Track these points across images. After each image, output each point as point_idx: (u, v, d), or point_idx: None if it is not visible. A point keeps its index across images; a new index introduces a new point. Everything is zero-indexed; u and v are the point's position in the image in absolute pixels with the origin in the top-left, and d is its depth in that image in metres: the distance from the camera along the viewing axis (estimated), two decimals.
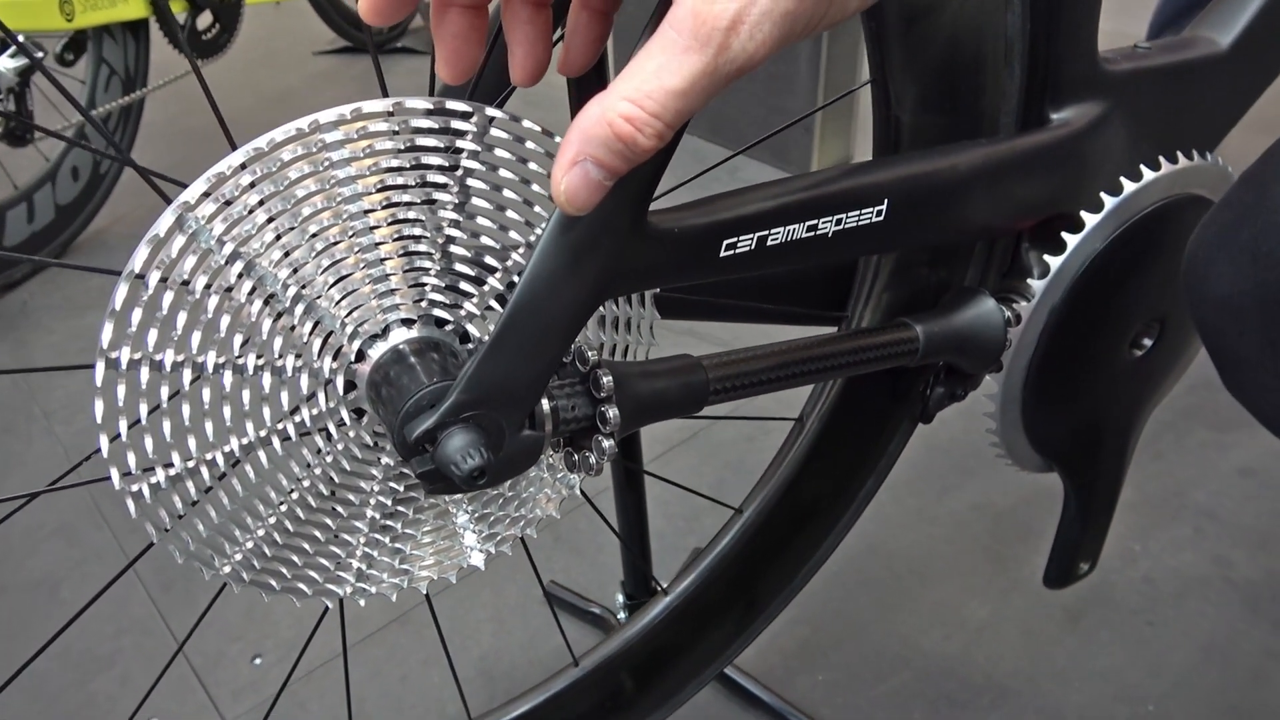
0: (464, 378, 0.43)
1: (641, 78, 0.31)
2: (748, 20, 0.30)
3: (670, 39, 0.30)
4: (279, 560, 0.49)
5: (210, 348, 0.42)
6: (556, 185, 0.34)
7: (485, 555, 0.55)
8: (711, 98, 0.32)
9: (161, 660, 1.03)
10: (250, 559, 0.48)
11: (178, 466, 0.44)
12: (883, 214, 0.54)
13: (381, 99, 0.41)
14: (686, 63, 0.30)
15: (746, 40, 0.30)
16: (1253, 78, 0.76)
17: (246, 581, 0.49)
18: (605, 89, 0.32)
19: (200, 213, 0.40)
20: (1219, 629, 1.00)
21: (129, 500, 0.43)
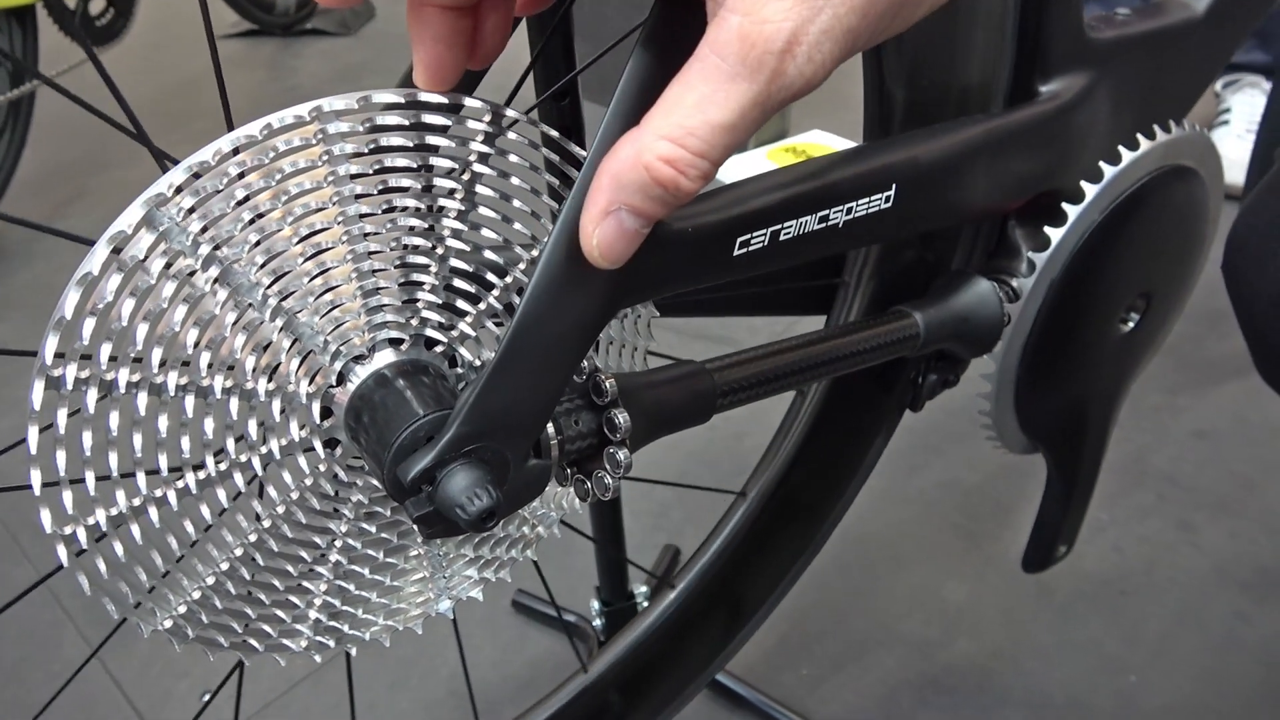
0: (465, 407, 0.38)
1: (682, 112, 0.27)
2: (805, 40, 0.26)
3: (713, 66, 0.26)
4: (230, 612, 0.43)
5: (173, 367, 0.36)
6: (588, 237, 0.29)
7: (454, 602, 0.50)
8: (759, 128, 0.27)
9: (103, 704, 0.95)
10: (196, 611, 0.42)
11: (122, 506, 0.37)
12: (891, 199, 0.51)
13: (393, 89, 0.36)
14: (734, 93, 0.26)
15: (804, 63, 0.26)
16: (1224, 42, 0.74)
17: (190, 637, 0.43)
18: (635, 128, 0.28)
19: (175, 207, 0.34)
20: (1189, 594, 1.01)
21: (60, 548, 0.37)
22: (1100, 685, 0.93)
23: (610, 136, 0.34)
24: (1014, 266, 0.64)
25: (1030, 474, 1.17)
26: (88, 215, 1.89)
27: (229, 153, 0.33)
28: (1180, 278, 0.74)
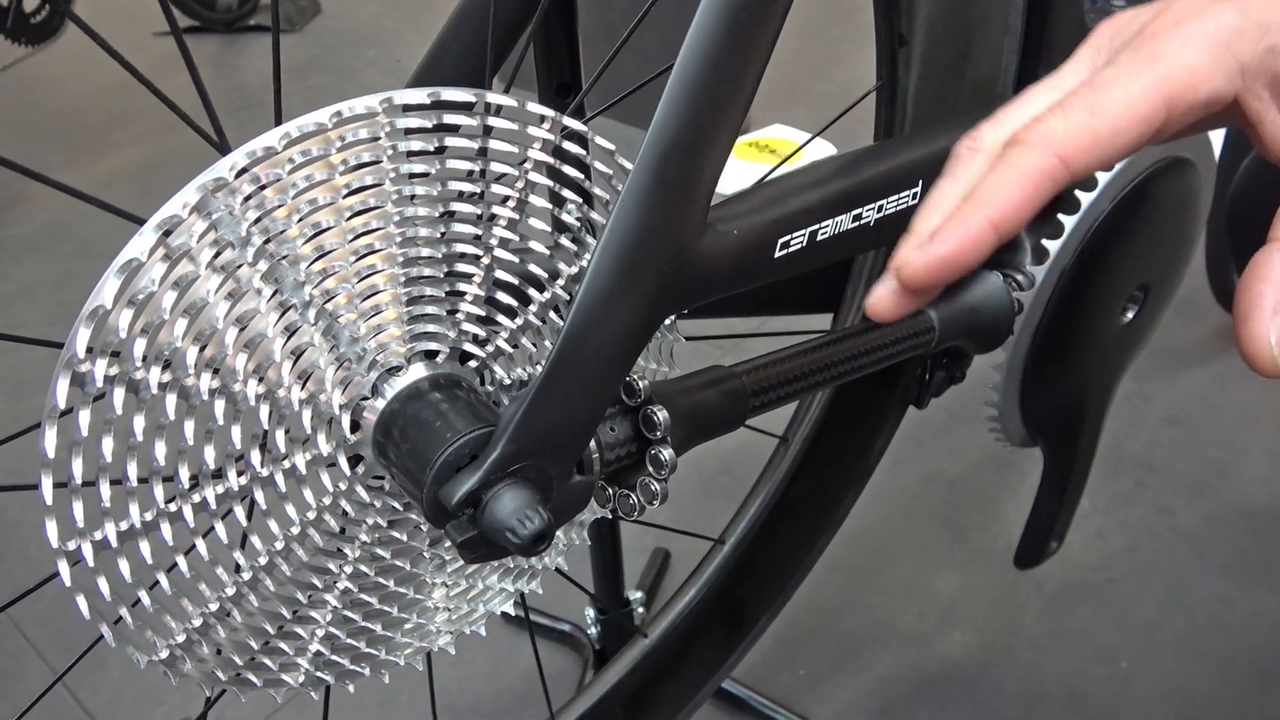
0: (512, 423, 0.36)
1: None
2: None
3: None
4: (229, 643, 0.40)
5: (208, 368, 0.33)
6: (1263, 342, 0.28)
7: (454, 636, 0.48)
8: None
9: None
10: (196, 641, 0.39)
11: (135, 520, 0.34)
12: (918, 196, 0.50)
13: (463, 88, 0.34)
14: None
15: None
16: None
17: (186, 669, 0.40)
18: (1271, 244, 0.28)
19: (230, 195, 0.31)
20: (1173, 579, 1.02)
21: (62, 565, 0.34)
22: (1093, 673, 0.94)
23: None
24: (1018, 260, 0.63)
25: (1012, 466, 1.18)
26: (29, 220, 1.81)
27: (296, 138, 0.31)
28: (1175, 270, 0.74)
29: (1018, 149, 0.29)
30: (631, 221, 0.35)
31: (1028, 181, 0.29)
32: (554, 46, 0.56)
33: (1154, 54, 0.29)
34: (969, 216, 0.29)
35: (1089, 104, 0.29)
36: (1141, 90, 0.28)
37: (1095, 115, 0.29)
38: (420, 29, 2.63)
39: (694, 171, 0.36)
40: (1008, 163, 0.29)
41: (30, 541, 1.13)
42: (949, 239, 0.30)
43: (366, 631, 0.44)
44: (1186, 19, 0.29)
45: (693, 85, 0.35)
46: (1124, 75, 0.29)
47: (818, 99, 2.04)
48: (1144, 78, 0.28)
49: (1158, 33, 0.29)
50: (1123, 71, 0.29)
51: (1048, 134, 0.29)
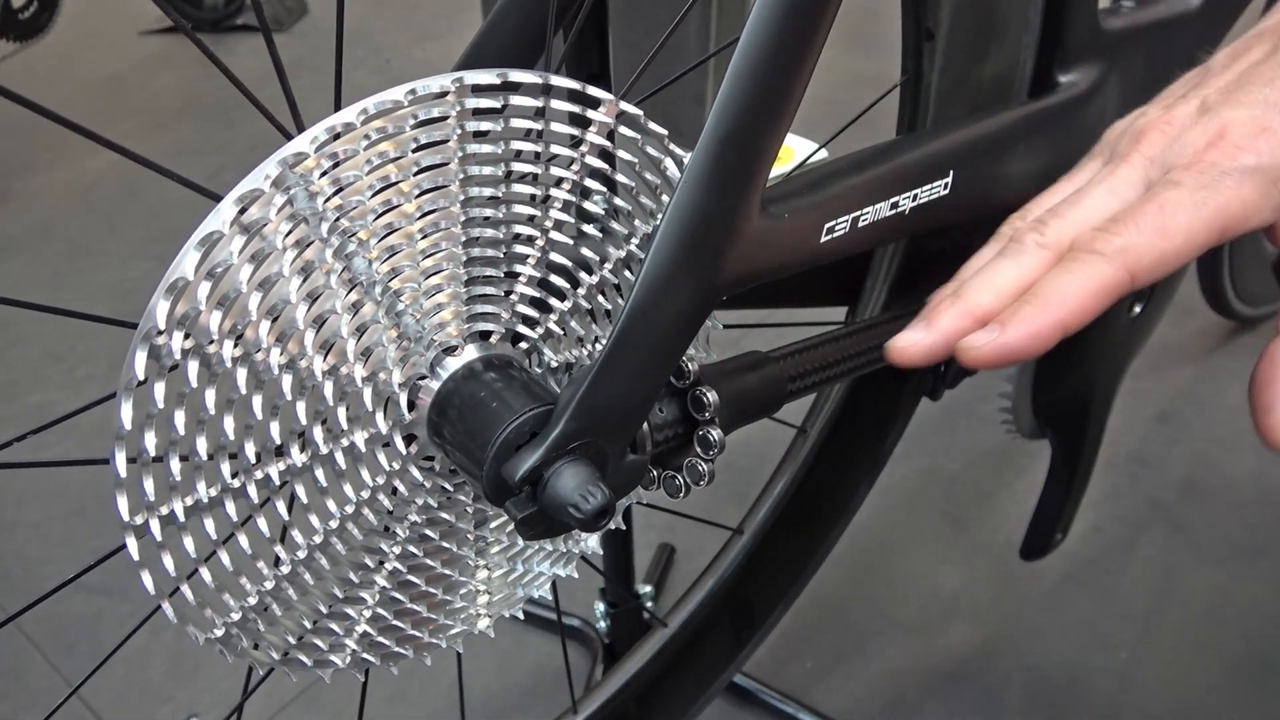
0: (573, 402, 0.36)
1: None
2: None
3: None
4: (283, 622, 0.40)
5: (279, 343, 0.33)
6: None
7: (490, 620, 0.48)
8: None
9: None
10: (251, 619, 0.39)
11: (201, 495, 0.35)
12: (949, 186, 0.51)
13: (528, 71, 0.34)
14: None
15: None
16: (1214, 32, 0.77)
17: (241, 649, 0.40)
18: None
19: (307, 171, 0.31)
20: (1170, 571, 1.04)
21: (130, 539, 0.34)
22: (1095, 663, 0.95)
23: None
24: None
25: (1008, 460, 1.19)
26: (14, 219, 1.79)
27: (373, 114, 0.31)
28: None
29: (1094, 260, 0.31)
30: (692, 204, 0.36)
31: (1101, 292, 0.31)
32: (584, 37, 0.57)
33: (1215, 185, 0.31)
34: (1043, 316, 0.31)
35: (1159, 226, 0.31)
36: (1205, 221, 0.31)
37: (1164, 238, 0.31)
38: (408, 30, 2.62)
39: (752, 156, 0.37)
40: (1083, 271, 0.31)
41: (27, 541, 1.12)
42: (1022, 334, 0.31)
43: (412, 613, 0.44)
44: (1243, 153, 0.31)
45: (752, 73, 0.36)
46: (1190, 202, 0.31)
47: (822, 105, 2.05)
48: (1207, 208, 0.31)
49: (1218, 162, 0.31)
50: (1189, 197, 0.31)
51: (1123, 250, 0.31)
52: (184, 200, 1.38)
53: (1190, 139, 0.33)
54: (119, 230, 1.72)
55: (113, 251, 1.65)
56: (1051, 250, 0.33)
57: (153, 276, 0.30)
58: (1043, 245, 0.34)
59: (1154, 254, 0.31)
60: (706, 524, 0.73)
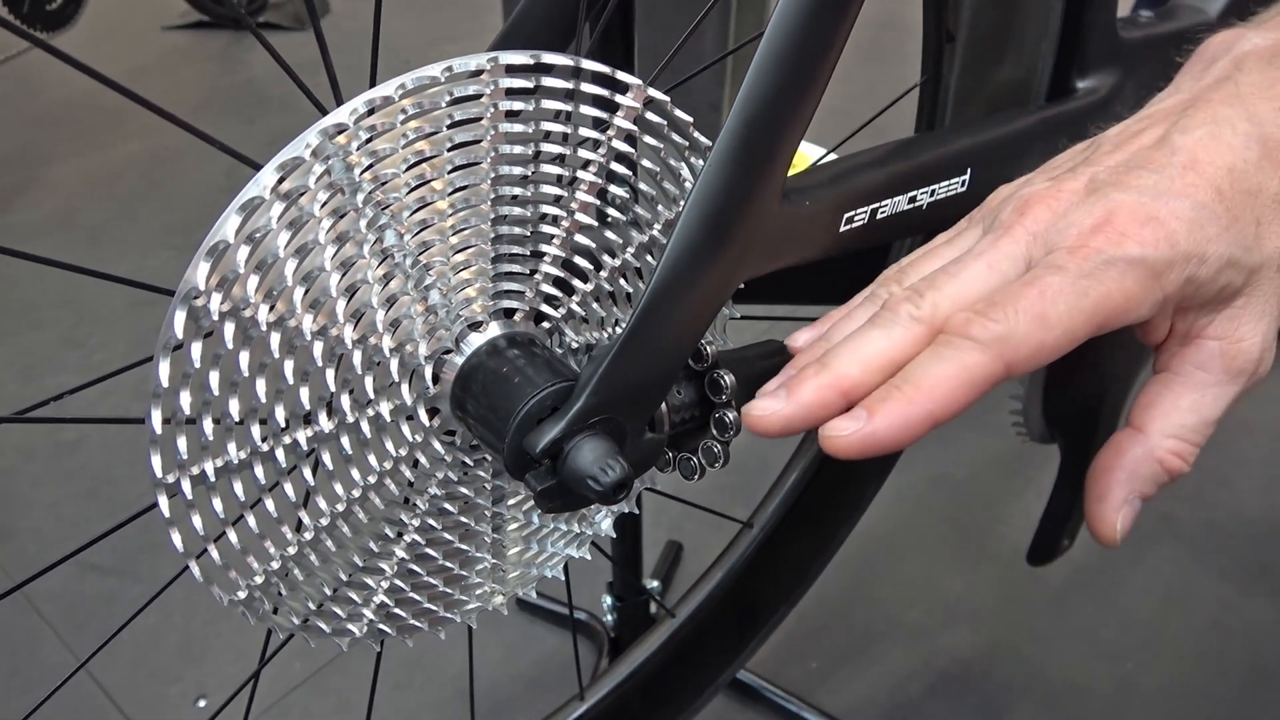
0: (595, 377, 0.37)
1: (1179, 415, 0.33)
2: (1273, 347, 0.33)
3: (1200, 379, 0.33)
4: (305, 588, 0.41)
5: (312, 311, 0.34)
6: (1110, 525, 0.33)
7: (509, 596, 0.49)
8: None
9: (87, 711, 0.91)
10: (273, 583, 0.40)
11: (232, 457, 0.36)
12: (965, 184, 0.52)
13: (560, 54, 0.35)
14: (1222, 395, 0.33)
15: (1268, 360, 0.33)
16: None
17: (263, 612, 0.41)
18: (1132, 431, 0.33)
19: (345, 142, 0.32)
20: (1174, 582, 1.04)
21: (161, 497, 0.35)
22: (1097, 670, 0.95)
23: None
24: None
25: (1016, 468, 1.20)
26: (37, 206, 1.81)
27: (411, 89, 0.32)
28: None
29: (969, 348, 0.29)
30: (717, 185, 0.37)
31: (974, 383, 0.29)
32: (610, 34, 0.58)
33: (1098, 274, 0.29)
34: (911, 407, 0.29)
35: (1039, 314, 0.29)
36: (1086, 312, 0.29)
37: (1043, 328, 0.29)
38: (428, 31, 2.65)
39: (776, 140, 0.38)
40: (958, 359, 0.29)
41: (43, 520, 1.13)
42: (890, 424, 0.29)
43: (429, 586, 0.45)
44: (1128, 241, 0.30)
45: (779, 58, 0.37)
46: (1073, 291, 0.29)
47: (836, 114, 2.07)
48: (1088, 299, 0.29)
49: (1102, 249, 0.30)
50: (1071, 286, 0.29)
51: (1001, 338, 0.29)
52: (203, 193, 1.41)
53: (1076, 218, 0.31)
54: (139, 220, 1.74)
55: (133, 241, 1.67)
56: (925, 325, 0.31)
57: (171, 266, 0.32)
58: (916, 319, 0.32)
59: (1031, 344, 0.29)
60: (717, 516, 0.74)
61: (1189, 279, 0.30)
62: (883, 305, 0.33)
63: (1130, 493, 0.33)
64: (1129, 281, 0.30)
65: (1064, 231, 0.31)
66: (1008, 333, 0.29)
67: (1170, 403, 0.33)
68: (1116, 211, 0.31)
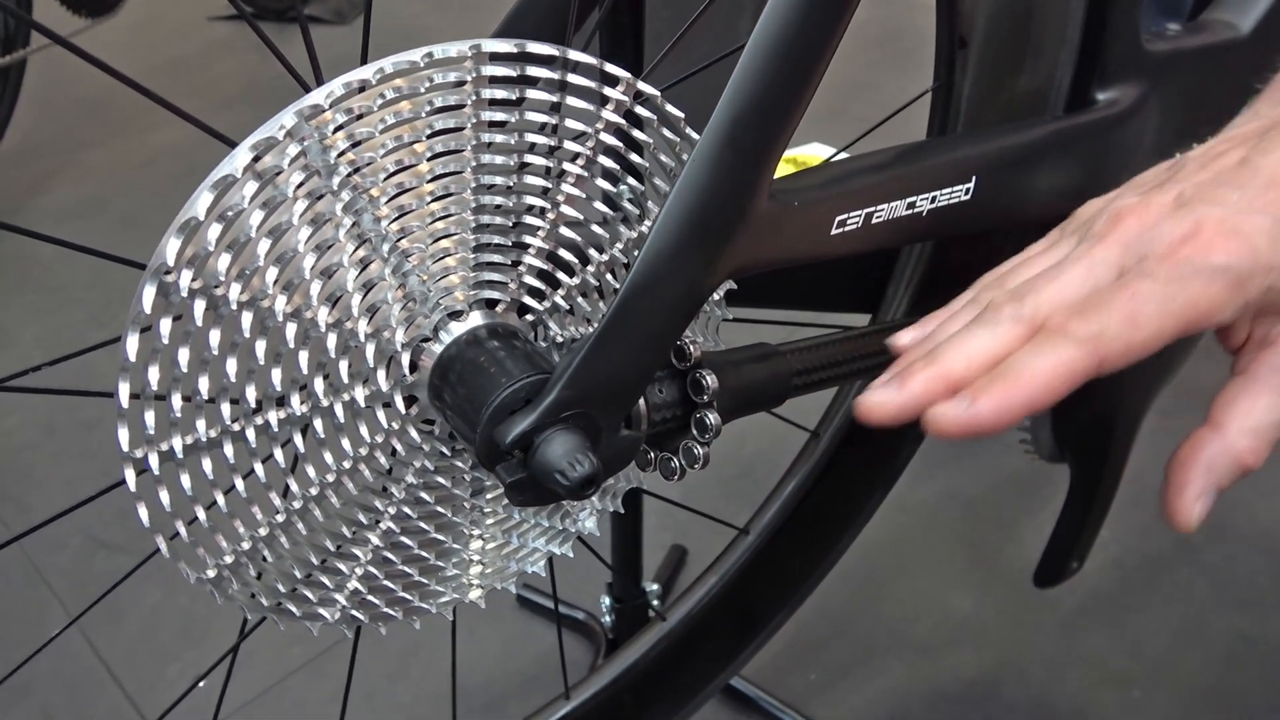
0: (569, 370, 0.37)
1: (1256, 415, 0.34)
2: None
3: (1276, 382, 0.35)
4: (275, 569, 0.41)
5: (285, 291, 0.34)
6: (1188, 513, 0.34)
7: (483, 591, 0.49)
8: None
9: (87, 686, 0.92)
10: (243, 564, 0.40)
11: (201, 435, 0.36)
12: (970, 192, 0.51)
13: (546, 44, 0.35)
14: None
15: None
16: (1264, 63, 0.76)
17: (231, 591, 0.41)
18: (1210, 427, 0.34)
19: (322, 124, 0.32)
20: (1190, 612, 1.02)
21: (128, 471, 0.35)
22: (1105, 698, 0.93)
23: None
24: None
25: (1032, 488, 1.18)
26: (74, 189, 1.84)
27: (390, 74, 0.32)
28: None
29: (1066, 343, 0.32)
30: (701, 181, 0.36)
31: (1070, 375, 0.32)
32: (619, 32, 0.58)
33: (1186, 280, 0.32)
34: (1013, 393, 0.32)
35: (1130, 315, 0.32)
36: (1174, 315, 0.32)
37: (1135, 328, 0.32)
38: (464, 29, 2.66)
39: (763, 138, 0.37)
40: (1055, 353, 0.32)
41: (55, 496, 1.15)
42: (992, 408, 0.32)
43: (404, 575, 0.45)
44: (1214, 252, 0.33)
45: (769, 54, 0.36)
46: (1162, 295, 0.32)
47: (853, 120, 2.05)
48: (1176, 302, 0.32)
49: (1190, 258, 0.33)
50: (1161, 290, 0.32)
51: (1095, 336, 0.32)
52: None
53: (1165, 230, 0.34)
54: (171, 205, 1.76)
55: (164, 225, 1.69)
56: (1026, 324, 0.35)
57: None
58: (1018, 319, 0.35)
59: (1123, 342, 0.32)
60: (714, 521, 0.73)
61: (1269, 288, 0.33)
62: (985, 307, 0.37)
63: (1208, 485, 0.34)
64: (1214, 288, 0.32)
65: (1154, 241, 0.34)
66: (1101, 331, 0.32)
67: (1248, 403, 0.35)
68: (1204, 224, 0.33)
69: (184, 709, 0.91)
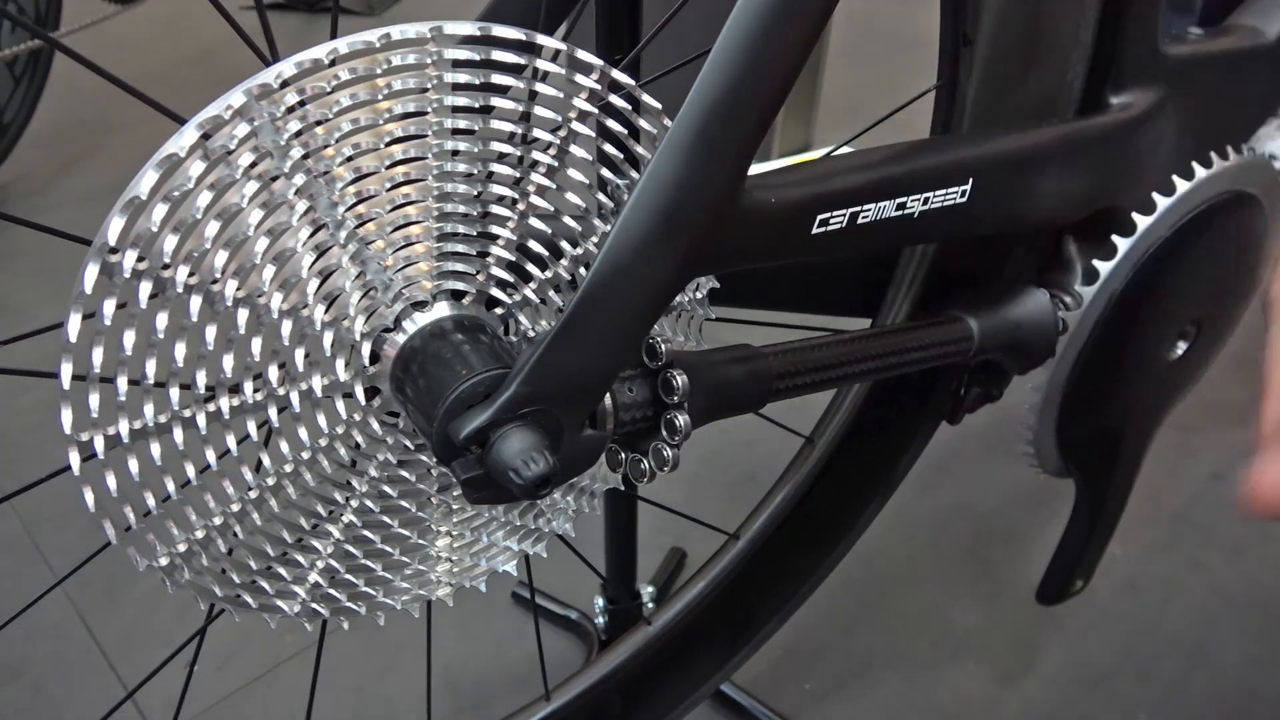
0: (527, 365, 0.36)
1: None
2: None
3: None
4: (229, 560, 0.40)
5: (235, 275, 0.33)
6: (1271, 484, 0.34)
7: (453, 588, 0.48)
8: None
9: (81, 668, 0.92)
10: (196, 553, 0.39)
11: (148, 420, 0.35)
12: (966, 194, 0.49)
13: (513, 27, 0.34)
14: None
15: None
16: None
17: (185, 580, 0.40)
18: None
19: (274, 104, 0.31)
20: (1203, 636, 0.99)
21: (73, 453, 0.34)
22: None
23: None
24: (1068, 282, 0.62)
25: (1044, 504, 1.15)
26: (101, 172, 1.86)
27: (344, 54, 0.31)
28: (1231, 311, 0.72)
29: None
30: (669, 175, 0.35)
31: None
32: (615, 16, 0.56)
33: None
34: None
35: None
36: None
37: None
38: None
39: (736, 131, 0.36)
40: None
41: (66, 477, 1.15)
42: None
43: (366, 570, 0.44)
44: None
45: (744, 44, 0.35)
46: None
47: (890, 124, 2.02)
48: None
49: None
50: None
51: None
52: None
53: None
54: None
55: None
56: None
57: None
58: None
59: None
60: (704, 526, 0.72)
61: None
62: None
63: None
64: None
65: None
66: None
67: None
68: None
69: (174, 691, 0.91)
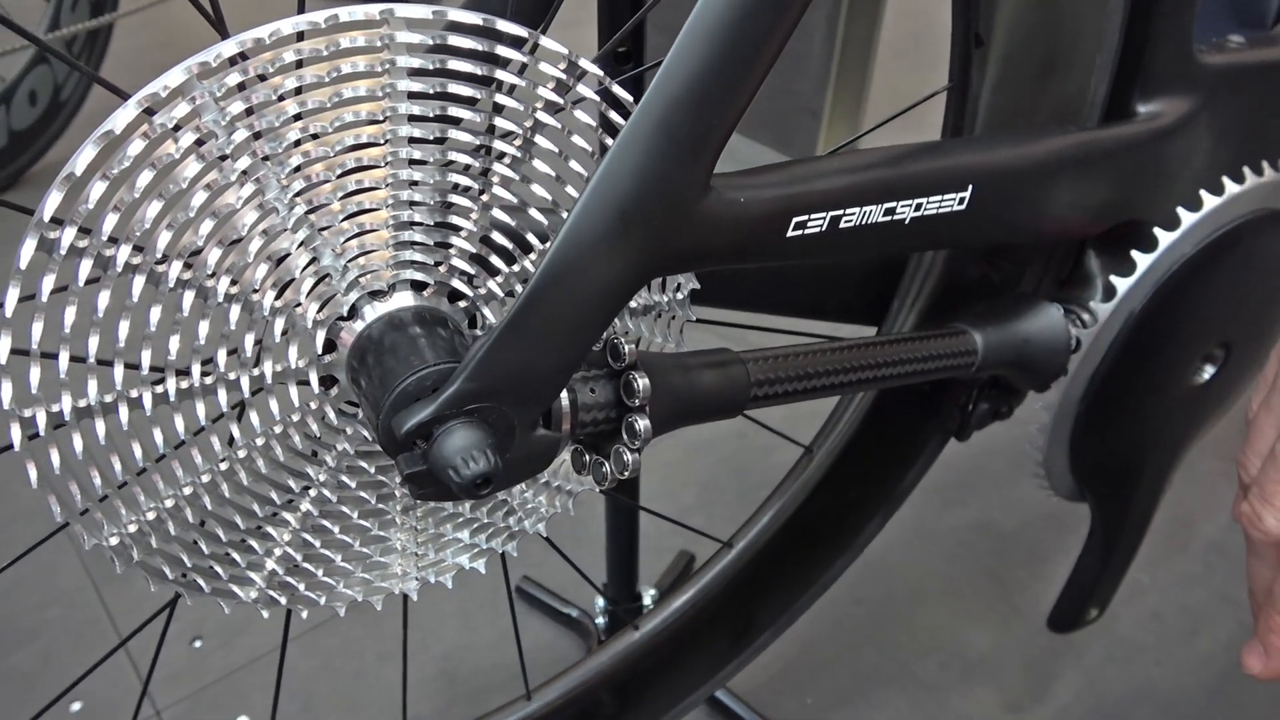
0: (472, 361, 0.35)
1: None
2: None
3: None
4: (181, 542, 0.40)
5: (178, 257, 0.33)
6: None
7: (419, 584, 0.47)
8: None
9: (91, 637, 0.94)
10: (147, 533, 0.38)
11: (92, 399, 0.34)
12: (965, 202, 0.47)
13: (472, 11, 0.33)
14: None
15: None
16: None
17: (135, 560, 0.39)
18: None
19: (217, 83, 0.31)
20: (1229, 673, 0.94)
21: (15, 428, 0.34)
22: None
23: None
24: (1087, 297, 0.59)
25: (1071, 526, 1.11)
26: None
27: (288, 36, 0.31)
28: (1264, 334, 0.68)
29: None
30: (626, 168, 0.34)
31: None
32: (616, 9, 0.55)
33: None
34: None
35: None
36: None
37: None
38: None
39: (701, 126, 0.34)
40: None
41: None
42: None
43: (326, 559, 0.44)
44: None
45: (713, 35, 0.33)
46: None
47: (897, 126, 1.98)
48: None
49: None
50: None
51: None
52: None
53: None
54: None
55: None
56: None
57: None
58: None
59: None
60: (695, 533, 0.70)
61: None
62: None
63: None
64: None
65: None
66: None
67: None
68: None
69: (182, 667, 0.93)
